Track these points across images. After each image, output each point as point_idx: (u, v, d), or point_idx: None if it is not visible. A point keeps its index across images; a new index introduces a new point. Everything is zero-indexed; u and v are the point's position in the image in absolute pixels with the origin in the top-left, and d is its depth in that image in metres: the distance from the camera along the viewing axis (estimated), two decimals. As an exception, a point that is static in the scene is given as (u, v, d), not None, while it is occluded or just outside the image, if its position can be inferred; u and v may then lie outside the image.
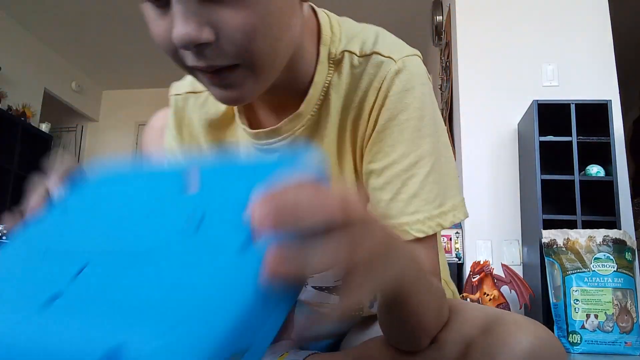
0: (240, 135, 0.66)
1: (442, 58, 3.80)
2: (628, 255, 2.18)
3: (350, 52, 0.60)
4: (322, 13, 0.62)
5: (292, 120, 0.61)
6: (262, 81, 0.53)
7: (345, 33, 0.61)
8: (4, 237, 1.69)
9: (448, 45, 3.51)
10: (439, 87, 3.98)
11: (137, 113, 5.95)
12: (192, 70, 0.51)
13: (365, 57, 0.59)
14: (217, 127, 0.68)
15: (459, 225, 2.99)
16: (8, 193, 4.34)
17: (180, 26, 0.45)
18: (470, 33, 3.15)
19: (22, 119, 4.51)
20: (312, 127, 0.61)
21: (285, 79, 0.57)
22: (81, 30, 4.76)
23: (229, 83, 0.51)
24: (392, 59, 0.58)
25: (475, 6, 3.18)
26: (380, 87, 0.58)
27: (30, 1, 4.35)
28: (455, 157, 3.26)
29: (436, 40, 3.88)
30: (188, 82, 0.70)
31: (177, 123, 0.71)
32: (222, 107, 0.66)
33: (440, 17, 3.78)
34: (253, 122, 0.66)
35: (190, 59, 0.49)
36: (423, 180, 0.56)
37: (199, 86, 0.64)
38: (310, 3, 0.58)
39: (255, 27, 0.46)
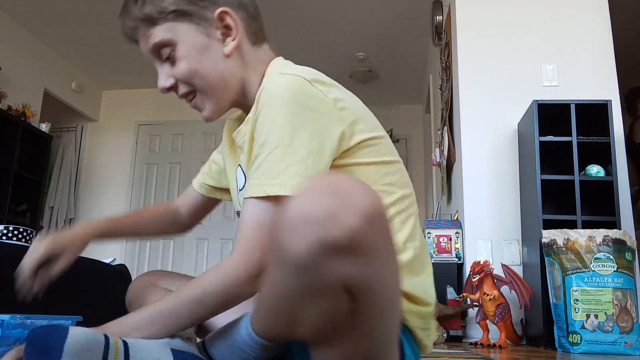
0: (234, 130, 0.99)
1: (442, 58, 3.80)
2: (628, 255, 2.18)
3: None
4: (278, 58, 0.92)
5: (245, 122, 0.87)
6: (214, 102, 0.87)
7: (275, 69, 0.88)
8: (4, 238, 1.69)
9: (448, 45, 3.51)
10: (439, 87, 3.98)
11: (137, 113, 5.95)
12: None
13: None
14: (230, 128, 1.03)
15: (459, 225, 2.99)
16: (8, 193, 4.34)
17: (159, 81, 0.87)
18: (470, 33, 3.15)
19: (22, 119, 4.51)
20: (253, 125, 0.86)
21: (244, 100, 0.90)
22: (81, 30, 4.76)
23: (197, 106, 0.88)
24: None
25: (475, 6, 3.18)
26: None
27: (30, 1, 4.35)
28: (455, 157, 3.25)
29: (436, 40, 3.88)
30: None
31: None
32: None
33: (440, 17, 3.78)
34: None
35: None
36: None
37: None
38: (269, 50, 0.92)
39: (189, 70, 0.84)
